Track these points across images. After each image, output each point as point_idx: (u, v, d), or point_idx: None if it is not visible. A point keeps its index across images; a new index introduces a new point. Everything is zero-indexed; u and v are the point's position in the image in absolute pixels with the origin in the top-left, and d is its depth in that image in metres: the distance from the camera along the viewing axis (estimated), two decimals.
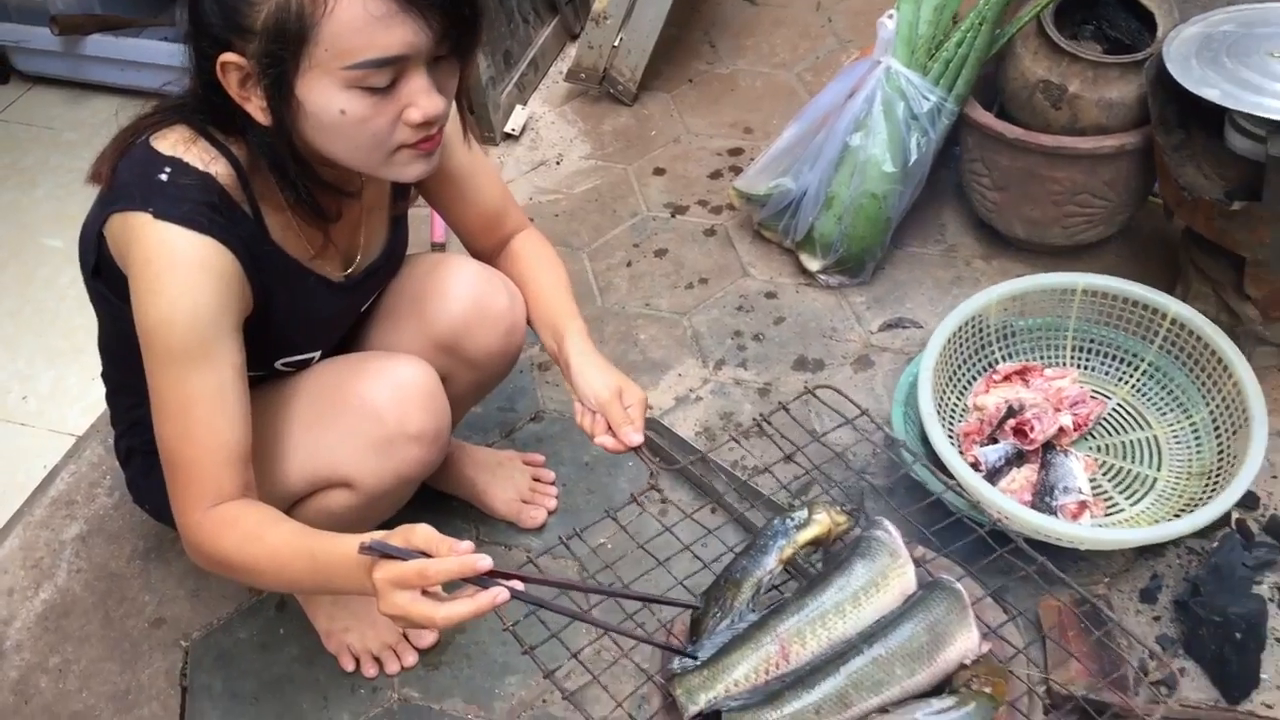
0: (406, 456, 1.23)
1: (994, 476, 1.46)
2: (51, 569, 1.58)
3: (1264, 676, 1.30)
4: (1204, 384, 1.51)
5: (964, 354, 1.60)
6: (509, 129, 2.27)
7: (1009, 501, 1.35)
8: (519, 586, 0.93)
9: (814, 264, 1.87)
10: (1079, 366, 1.63)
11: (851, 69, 1.82)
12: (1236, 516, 1.45)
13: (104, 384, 1.36)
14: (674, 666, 1.04)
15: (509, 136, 2.27)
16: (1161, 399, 1.57)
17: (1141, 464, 1.52)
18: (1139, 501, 1.47)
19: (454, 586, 0.94)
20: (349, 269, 1.25)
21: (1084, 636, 1.27)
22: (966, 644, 1.01)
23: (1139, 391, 1.59)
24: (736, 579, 1.07)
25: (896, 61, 1.74)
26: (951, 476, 1.35)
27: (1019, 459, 1.49)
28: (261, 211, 1.12)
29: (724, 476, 1.53)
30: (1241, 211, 1.48)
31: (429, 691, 1.39)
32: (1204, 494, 1.40)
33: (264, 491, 1.15)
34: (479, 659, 1.41)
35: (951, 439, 1.50)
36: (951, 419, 1.56)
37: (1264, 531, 1.44)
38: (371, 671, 1.41)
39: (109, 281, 1.12)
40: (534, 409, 1.73)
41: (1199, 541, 1.43)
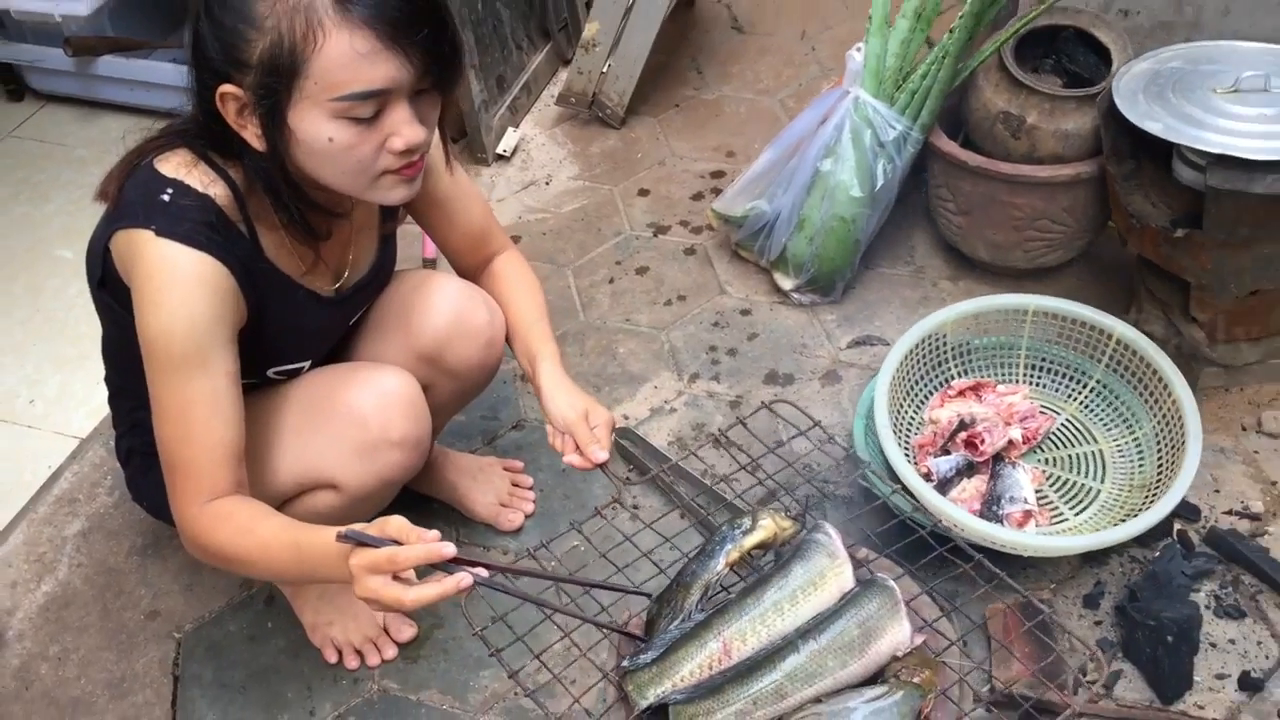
0: (389, 460, 1.29)
1: (945, 486, 1.51)
2: (54, 563, 1.64)
3: (1197, 679, 1.35)
4: (1148, 401, 1.56)
5: (921, 369, 1.65)
6: (501, 150, 2.32)
7: (958, 510, 1.40)
8: (483, 573, 1.00)
9: (787, 283, 1.93)
10: (1031, 383, 1.68)
11: (823, 98, 1.88)
12: (1178, 528, 1.50)
13: (106, 387, 1.41)
14: (625, 664, 1.09)
15: (501, 157, 2.33)
16: (1108, 415, 1.62)
17: (1087, 476, 1.57)
18: (1083, 512, 1.53)
19: (426, 574, 1.01)
20: (338, 284, 1.31)
21: (1027, 638, 1.32)
22: (897, 637, 1.07)
23: (1087, 408, 1.64)
24: (686, 582, 1.13)
25: (864, 92, 1.80)
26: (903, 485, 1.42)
27: (970, 470, 1.54)
28: (257, 230, 1.18)
29: (688, 485, 1.59)
30: (1185, 239, 1.53)
31: (407, 683, 1.45)
32: (1144, 505, 1.45)
33: (255, 491, 1.20)
34: (455, 653, 1.47)
35: (907, 451, 1.56)
36: (908, 431, 1.62)
37: (1204, 542, 1.49)
38: (353, 663, 1.46)
39: (113, 293, 1.18)
40: (516, 418, 1.79)
41: (1142, 551, 1.48)
